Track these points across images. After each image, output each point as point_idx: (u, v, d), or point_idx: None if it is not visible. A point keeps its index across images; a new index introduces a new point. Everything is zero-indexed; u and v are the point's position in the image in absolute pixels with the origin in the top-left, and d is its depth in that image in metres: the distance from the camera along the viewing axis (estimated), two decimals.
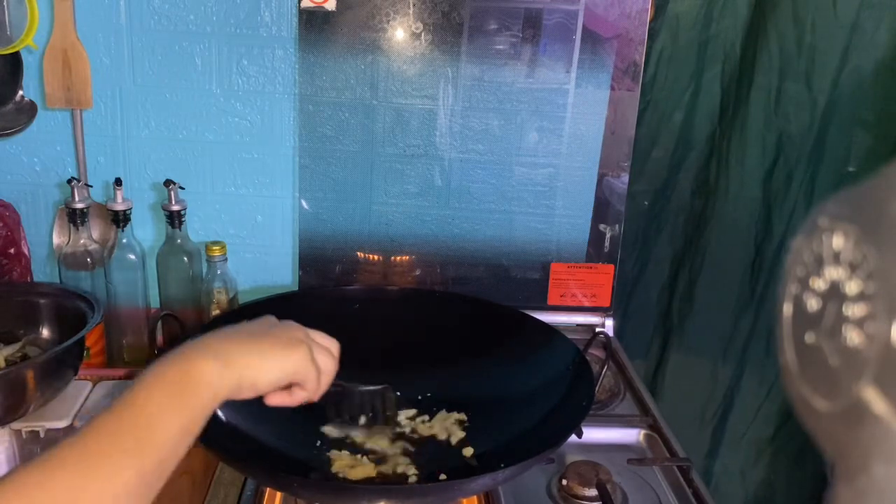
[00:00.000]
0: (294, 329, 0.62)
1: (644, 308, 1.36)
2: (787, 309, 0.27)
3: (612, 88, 1.11)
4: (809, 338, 0.25)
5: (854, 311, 0.23)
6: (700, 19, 1.18)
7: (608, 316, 1.17)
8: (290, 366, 0.59)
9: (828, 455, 0.25)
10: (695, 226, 1.28)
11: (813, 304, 0.25)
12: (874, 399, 0.22)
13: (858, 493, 0.23)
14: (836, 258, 0.24)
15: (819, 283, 0.25)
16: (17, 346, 0.92)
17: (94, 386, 0.89)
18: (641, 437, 0.94)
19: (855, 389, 0.23)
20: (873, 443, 0.22)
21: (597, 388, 0.78)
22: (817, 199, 1.19)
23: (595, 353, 1.01)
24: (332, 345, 0.65)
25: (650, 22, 1.11)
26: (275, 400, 0.61)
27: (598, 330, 1.02)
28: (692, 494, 0.82)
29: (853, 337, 0.23)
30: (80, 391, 0.87)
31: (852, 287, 0.23)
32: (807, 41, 1.11)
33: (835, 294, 0.24)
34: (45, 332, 0.96)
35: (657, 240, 1.31)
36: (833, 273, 0.24)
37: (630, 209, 1.26)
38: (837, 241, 0.24)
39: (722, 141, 1.22)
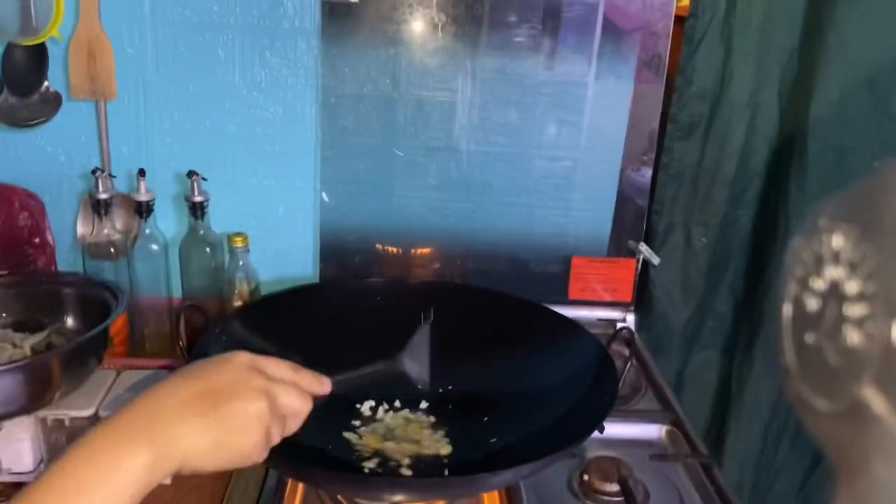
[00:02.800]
0: (256, 393, 0.53)
1: (704, 372, 1.20)
2: (787, 309, 0.27)
3: (635, 81, 1.10)
4: (809, 338, 0.25)
5: (854, 310, 0.23)
6: (757, 24, 1.04)
7: (629, 311, 1.16)
8: (243, 453, 0.52)
9: (828, 455, 0.25)
10: (755, 272, 1.14)
11: (813, 304, 0.25)
12: (874, 399, 0.22)
13: (859, 494, 0.23)
14: (836, 258, 0.24)
15: (819, 283, 0.25)
16: (42, 335, 0.93)
17: (117, 375, 0.90)
18: (663, 433, 0.93)
19: (855, 389, 0.23)
20: (874, 443, 0.22)
21: (620, 384, 0.78)
22: None
23: (617, 348, 1.01)
24: (302, 396, 0.59)
25: (687, 17, 1.05)
26: None
27: (620, 325, 1.01)
28: (714, 492, 0.81)
29: (853, 337, 0.23)
30: (104, 380, 0.88)
31: (852, 287, 0.23)
32: (870, 35, 0.96)
33: (835, 294, 0.24)
34: (70, 322, 0.97)
35: (717, 288, 1.17)
36: (833, 273, 0.24)
37: (689, 249, 1.16)
38: (837, 241, 0.24)
39: (780, 166, 1.08)
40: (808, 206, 1.02)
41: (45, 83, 1.03)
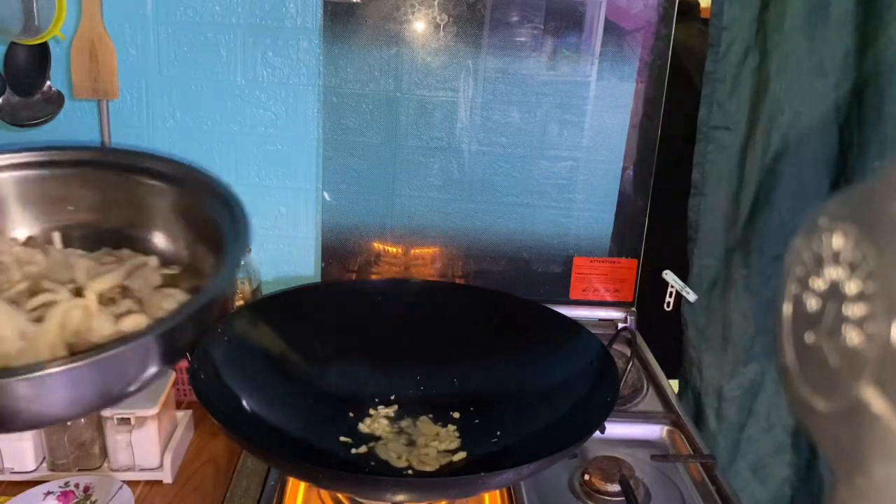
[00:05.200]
0: None
1: (773, 462, 1.01)
2: (787, 309, 0.27)
3: (637, 81, 1.10)
4: (809, 338, 0.25)
5: (854, 310, 0.23)
6: (796, 24, 0.92)
7: (631, 311, 1.16)
8: None
9: (827, 455, 0.25)
10: None
11: (813, 303, 0.26)
12: (874, 399, 0.22)
13: (858, 493, 0.23)
14: (836, 258, 0.24)
15: (819, 283, 0.25)
16: (117, 272, 0.61)
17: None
18: (664, 434, 0.93)
19: (854, 389, 0.23)
20: (873, 443, 0.23)
21: (621, 384, 0.78)
22: None
23: (618, 348, 1.01)
24: None
25: (710, 20, 0.98)
26: None
27: (621, 325, 1.01)
28: (716, 492, 0.81)
29: (853, 337, 0.23)
30: (166, 377, 0.86)
31: (852, 287, 0.23)
32: None
33: (834, 294, 0.24)
34: (160, 241, 0.68)
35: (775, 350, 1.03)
36: (833, 273, 0.25)
37: (730, 285, 1.02)
38: (837, 241, 0.24)
39: (845, 185, 0.94)
40: None
41: (48, 83, 1.03)
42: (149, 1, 1.04)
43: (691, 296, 1.00)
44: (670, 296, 1.02)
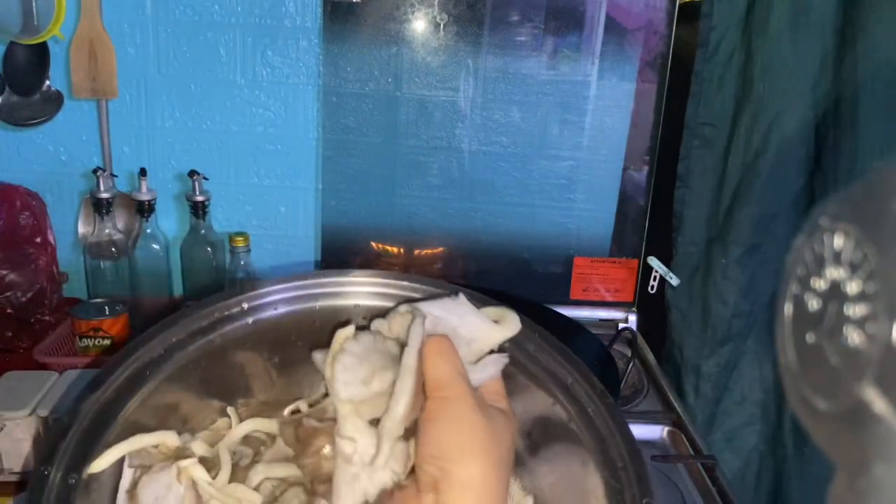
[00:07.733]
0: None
1: (744, 432, 1.05)
2: (788, 309, 0.27)
3: (637, 80, 1.10)
4: (810, 338, 0.25)
5: (855, 311, 0.23)
6: (780, 28, 0.94)
7: (631, 311, 1.16)
8: None
9: (828, 456, 0.25)
10: None
11: (814, 304, 0.25)
12: (875, 399, 0.22)
13: (859, 494, 0.23)
14: (837, 258, 0.24)
15: (820, 283, 0.25)
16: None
17: None
18: (665, 434, 0.93)
19: (856, 390, 0.23)
20: (874, 443, 0.22)
21: (622, 385, 0.78)
22: None
23: (618, 348, 1.00)
24: None
25: (700, 18, 0.98)
26: None
27: (622, 326, 1.01)
28: (717, 492, 0.81)
29: (854, 337, 0.23)
30: None
31: (853, 287, 0.23)
32: None
33: (836, 294, 0.24)
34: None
35: (752, 327, 1.04)
36: (834, 273, 0.24)
37: (710, 273, 1.04)
38: (838, 241, 0.24)
39: (821, 184, 0.97)
40: None
41: (47, 82, 1.03)
42: (148, 1, 1.04)
43: (674, 280, 1.05)
44: (654, 279, 1.07)
